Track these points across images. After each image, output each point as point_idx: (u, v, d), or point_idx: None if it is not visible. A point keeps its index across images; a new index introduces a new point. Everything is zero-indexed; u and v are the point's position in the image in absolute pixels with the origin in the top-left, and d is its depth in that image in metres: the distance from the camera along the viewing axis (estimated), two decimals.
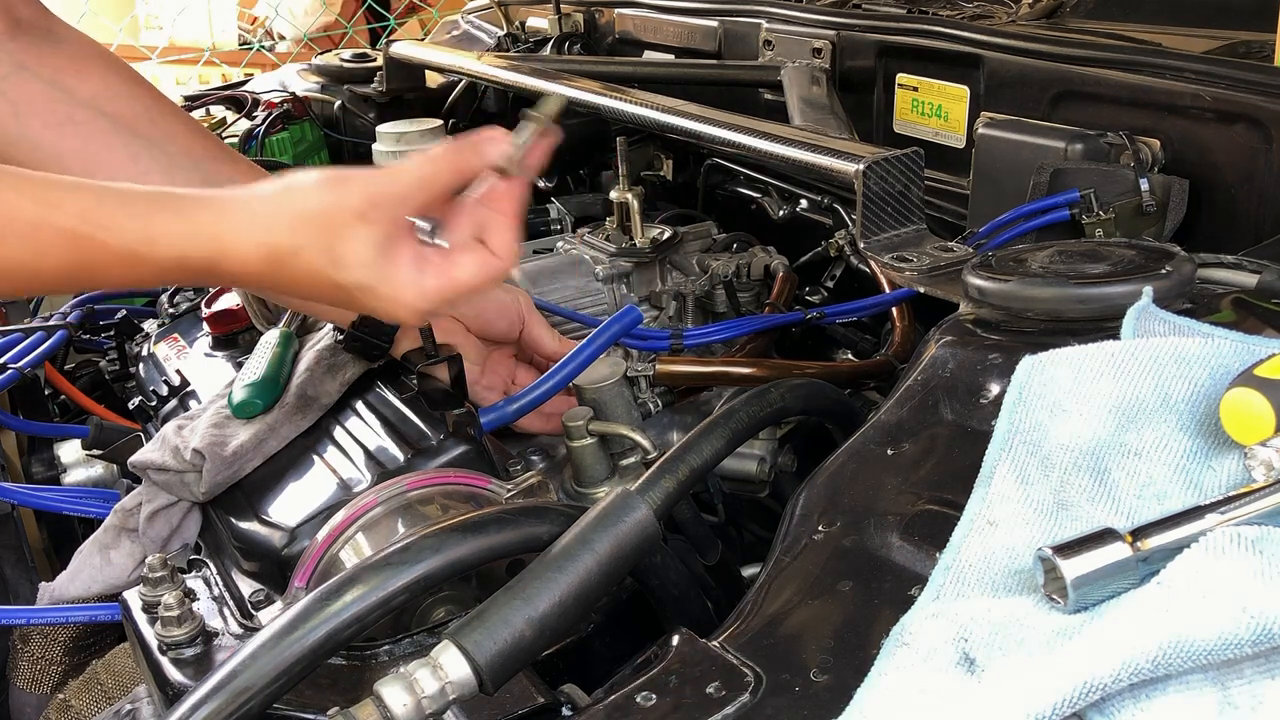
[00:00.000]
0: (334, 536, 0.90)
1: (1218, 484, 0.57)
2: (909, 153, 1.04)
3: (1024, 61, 1.24)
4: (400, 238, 0.81)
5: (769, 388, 0.86)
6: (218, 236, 0.78)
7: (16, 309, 1.70)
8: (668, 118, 1.32)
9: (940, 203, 1.31)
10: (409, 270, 0.80)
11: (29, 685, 1.10)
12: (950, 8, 1.61)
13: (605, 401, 1.01)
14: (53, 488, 1.31)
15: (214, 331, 1.31)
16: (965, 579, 0.57)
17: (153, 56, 4.64)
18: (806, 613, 0.62)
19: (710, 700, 0.56)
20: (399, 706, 0.59)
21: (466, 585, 0.86)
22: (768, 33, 1.62)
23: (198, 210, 0.78)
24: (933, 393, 0.74)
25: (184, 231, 0.77)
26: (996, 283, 0.77)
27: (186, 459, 1.01)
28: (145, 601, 0.86)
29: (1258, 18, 1.21)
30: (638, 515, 0.69)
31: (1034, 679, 0.47)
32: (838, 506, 0.69)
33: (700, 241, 1.48)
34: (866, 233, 1.04)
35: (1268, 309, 0.74)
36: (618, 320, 1.08)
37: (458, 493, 0.93)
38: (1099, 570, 0.51)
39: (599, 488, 0.95)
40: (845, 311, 1.26)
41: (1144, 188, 1.06)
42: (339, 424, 1.06)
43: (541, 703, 0.72)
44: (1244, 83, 1.05)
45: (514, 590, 0.64)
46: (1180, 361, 0.63)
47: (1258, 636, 0.46)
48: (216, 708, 0.61)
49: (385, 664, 0.80)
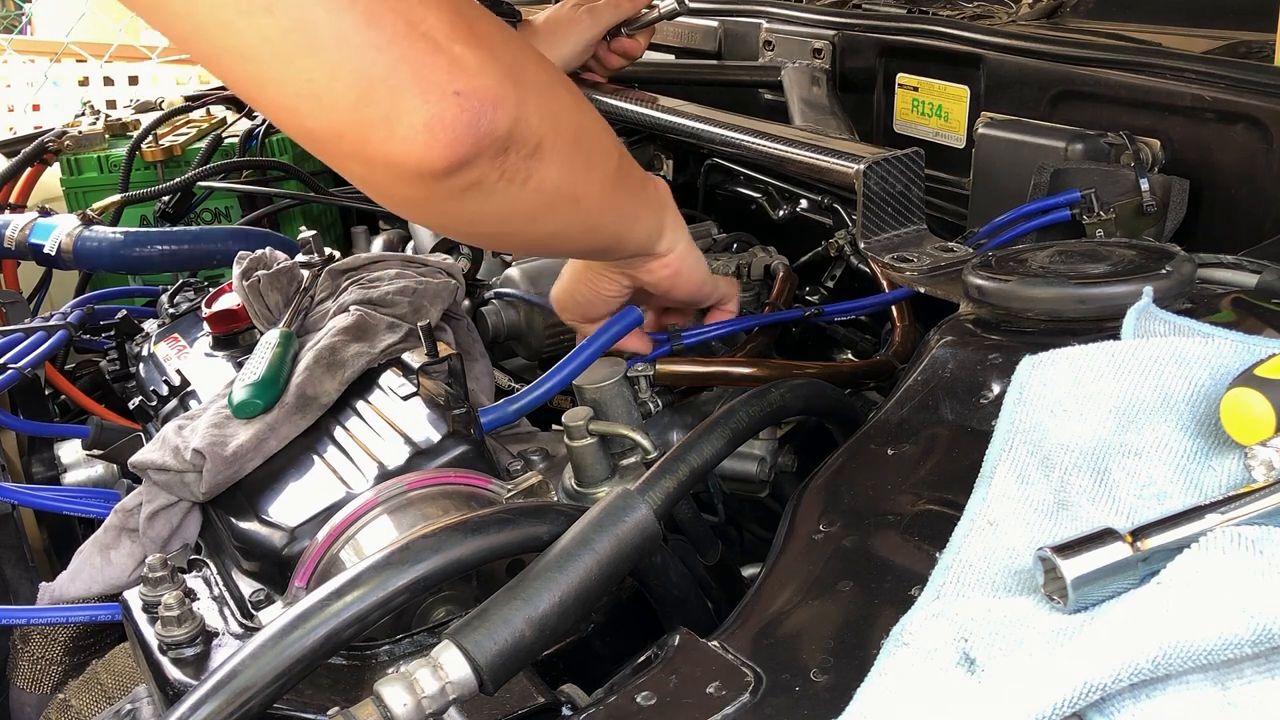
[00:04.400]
0: (334, 536, 0.90)
1: (1218, 484, 0.57)
2: (909, 153, 1.04)
3: (1024, 61, 1.24)
4: None
5: (769, 388, 0.86)
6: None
7: (16, 309, 1.70)
8: (668, 117, 1.32)
9: (940, 203, 1.32)
10: None
11: (29, 685, 1.10)
12: (950, 8, 1.61)
13: (605, 401, 1.01)
14: (53, 488, 1.31)
15: (214, 331, 1.31)
16: (965, 579, 0.57)
17: (153, 56, 4.64)
18: (806, 613, 0.62)
19: (710, 700, 0.56)
20: (399, 706, 0.59)
21: (466, 585, 0.86)
22: (768, 33, 1.62)
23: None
24: (933, 393, 0.74)
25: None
26: (996, 283, 0.77)
27: (187, 459, 1.01)
28: (145, 601, 0.86)
29: (1258, 18, 1.22)
30: (638, 515, 0.69)
31: (1034, 679, 0.47)
32: (838, 506, 0.69)
33: (700, 241, 1.48)
34: (867, 233, 1.04)
35: (1268, 309, 0.74)
36: (618, 320, 1.08)
37: (458, 493, 0.93)
38: (1099, 570, 0.51)
39: (599, 488, 0.95)
40: (845, 310, 1.26)
41: (1144, 188, 1.06)
42: (339, 424, 1.06)
43: (541, 703, 0.72)
44: (1244, 83, 1.05)
45: (514, 590, 0.64)
46: (1180, 361, 0.63)
47: (1258, 636, 0.46)
48: (216, 708, 0.61)
49: (385, 664, 0.80)
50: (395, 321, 1.15)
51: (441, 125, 0.65)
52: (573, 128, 0.80)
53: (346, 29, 0.61)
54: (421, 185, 0.69)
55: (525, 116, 0.71)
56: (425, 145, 0.66)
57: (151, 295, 1.68)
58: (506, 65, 0.70)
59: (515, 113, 0.70)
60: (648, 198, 0.99)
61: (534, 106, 0.72)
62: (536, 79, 0.74)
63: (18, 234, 1.67)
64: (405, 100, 0.64)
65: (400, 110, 0.64)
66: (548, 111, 0.75)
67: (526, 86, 0.71)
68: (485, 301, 1.38)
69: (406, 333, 1.14)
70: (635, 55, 1.54)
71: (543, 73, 0.77)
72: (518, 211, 0.78)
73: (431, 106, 0.65)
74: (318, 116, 0.65)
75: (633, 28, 1.50)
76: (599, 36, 1.48)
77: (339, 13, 0.61)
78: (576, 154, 0.81)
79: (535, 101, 0.73)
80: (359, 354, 1.11)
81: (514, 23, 1.46)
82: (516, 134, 0.71)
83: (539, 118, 0.73)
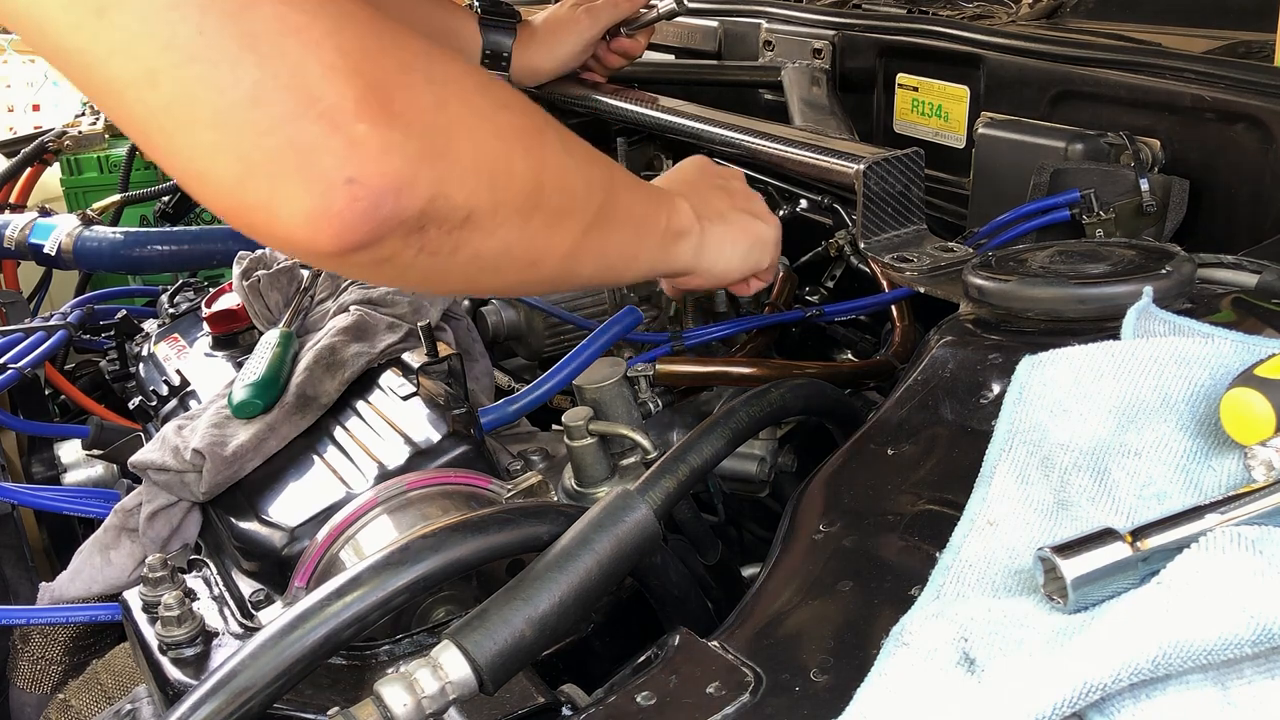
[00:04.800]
0: (334, 536, 0.90)
1: (1218, 484, 0.57)
2: (909, 153, 1.04)
3: (1024, 61, 1.24)
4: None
5: (769, 388, 0.86)
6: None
7: (16, 309, 1.71)
8: (668, 117, 1.32)
9: (940, 203, 1.31)
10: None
11: (29, 685, 1.10)
12: (950, 8, 1.61)
13: (605, 401, 1.01)
14: (53, 488, 1.31)
15: (214, 331, 1.31)
16: (965, 579, 0.57)
17: None
18: (806, 613, 0.62)
19: (710, 700, 0.56)
20: (399, 706, 0.59)
21: (466, 585, 0.86)
22: (768, 33, 1.62)
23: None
24: (933, 393, 0.74)
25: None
26: (996, 283, 0.77)
27: (187, 459, 1.01)
28: (145, 601, 0.86)
29: (1258, 18, 1.21)
30: (638, 515, 0.69)
31: (1034, 679, 0.47)
32: (838, 506, 0.69)
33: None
34: (867, 233, 1.04)
35: (1268, 309, 0.74)
36: (618, 321, 1.09)
37: (458, 493, 0.93)
38: (1099, 570, 0.51)
39: (599, 488, 0.95)
40: (845, 310, 1.26)
41: (1144, 188, 1.06)
42: (339, 424, 1.06)
43: (541, 703, 0.72)
44: (1244, 83, 1.05)
45: (514, 590, 0.64)
46: (1180, 361, 0.63)
47: (1258, 636, 0.46)
48: (216, 708, 0.61)
49: (385, 664, 0.80)
50: (395, 321, 1.15)
51: (327, 216, 0.60)
52: (526, 187, 0.72)
53: (228, 108, 0.56)
54: (322, 261, 0.65)
55: (446, 193, 0.65)
56: (309, 235, 0.60)
57: (151, 295, 1.68)
58: (427, 139, 0.63)
59: (430, 192, 0.63)
60: (652, 229, 0.91)
61: (462, 178, 0.66)
62: (473, 144, 0.67)
63: (18, 234, 1.67)
64: (286, 189, 0.59)
65: (280, 199, 0.59)
66: (486, 176, 0.68)
67: (453, 157, 0.65)
68: (485, 301, 1.38)
69: (406, 333, 1.14)
70: (635, 55, 1.54)
71: (488, 133, 0.69)
72: (453, 278, 0.73)
73: (316, 197, 0.59)
74: (203, 193, 0.61)
75: (632, 27, 1.50)
76: (598, 36, 1.48)
77: (222, 91, 0.56)
78: (533, 214, 0.73)
79: (466, 171, 0.66)
80: (359, 354, 1.11)
81: (514, 23, 1.46)
82: (433, 211, 0.64)
83: (470, 188, 0.67)
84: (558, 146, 0.76)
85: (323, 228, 0.60)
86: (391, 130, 0.60)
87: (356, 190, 0.60)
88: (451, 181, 0.65)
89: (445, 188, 0.64)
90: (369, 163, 0.60)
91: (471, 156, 0.67)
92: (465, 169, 0.66)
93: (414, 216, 0.63)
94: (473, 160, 0.67)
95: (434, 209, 0.64)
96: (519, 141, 0.72)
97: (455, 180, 0.65)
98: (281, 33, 0.57)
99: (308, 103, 0.57)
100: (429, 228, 0.65)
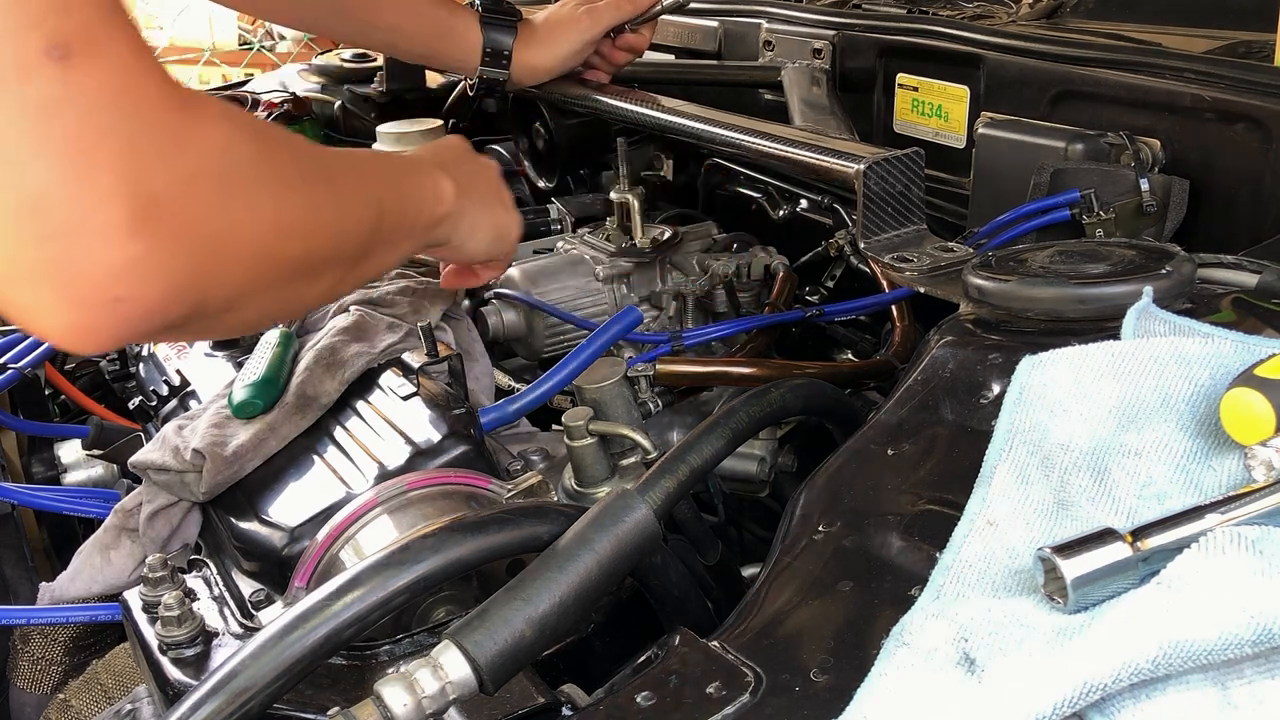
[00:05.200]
0: (334, 536, 0.90)
1: (1218, 484, 0.57)
2: (909, 153, 1.04)
3: (1024, 61, 1.24)
4: None
5: (769, 388, 0.86)
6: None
7: None
8: (668, 118, 1.32)
9: (940, 203, 1.32)
10: None
11: (29, 685, 1.10)
12: (950, 8, 1.61)
13: (605, 401, 1.01)
14: (53, 488, 1.31)
15: None
16: (965, 579, 0.57)
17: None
18: (806, 613, 0.62)
19: (710, 700, 0.56)
20: (399, 706, 0.59)
21: (466, 585, 0.86)
22: (768, 33, 1.62)
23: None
24: (933, 393, 0.74)
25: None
26: (996, 283, 0.77)
27: (186, 459, 1.01)
28: (145, 601, 0.86)
29: (1258, 18, 1.22)
30: (638, 515, 0.69)
31: (1034, 679, 0.47)
32: (838, 506, 0.69)
33: (700, 242, 1.48)
34: (867, 233, 1.04)
35: (1268, 309, 0.74)
36: (618, 321, 1.09)
37: (458, 493, 0.93)
38: (1099, 570, 0.51)
39: (599, 488, 0.95)
40: (845, 310, 1.26)
41: (1144, 188, 1.06)
42: (339, 424, 1.06)
43: (541, 703, 0.72)
44: (1244, 83, 1.05)
45: (514, 590, 0.64)
46: (1180, 361, 0.63)
47: (1258, 636, 0.46)
48: (216, 708, 0.61)
49: (385, 664, 0.80)
50: (395, 321, 1.15)
51: (90, 331, 0.58)
52: (294, 265, 0.71)
53: (9, 209, 0.54)
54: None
55: (214, 295, 0.64)
56: (65, 342, 0.59)
57: None
58: (200, 250, 0.61)
59: (197, 298, 0.62)
60: (414, 226, 0.92)
61: (230, 277, 0.65)
62: (248, 241, 0.66)
63: None
64: (50, 300, 0.57)
65: (43, 308, 0.57)
66: (254, 268, 0.67)
67: (224, 259, 0.64)
68: (485, 301, 1.38)
69: (406, 333, 1.14)
70: (640, 50, 1.54)
71: (266, 227, 0.67)
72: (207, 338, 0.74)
73: (79, 313, 0.57)
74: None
75: (637, 21, 1.50)
76: (599, 36, 1.48)
77: (6, 189, 0.54)
78: (297, 281, 0.73)
79: (235, 270, 0.65)
80: (359, 354, 1.11)
81: (514, 21, 1.46)
82: (197, 311, 0.63)
83: (237, 283, 0.66)
84: (329, 203, 0.75)
85: (83, 339, 0.59)
86: (165, 248, 0.59)
87: (122, 309, 0.58)
88: (220, 284, 0.64)
89: (213, 290, 0.64)
90: (139, 284, 0.58)
91: (244, 254, 0.66)
92: (235, 268, 0.65)
93: (178, 318, 0.62)
94: (245, 257, 0.66)
95: (198, 310, 0.64)
96: (295, 224, 0.71)
97: (223, 281, 0.65)
98: (77, 145, 0.55)
99: (83, 216, 0.55)
100: (191, 321, 0.64)
